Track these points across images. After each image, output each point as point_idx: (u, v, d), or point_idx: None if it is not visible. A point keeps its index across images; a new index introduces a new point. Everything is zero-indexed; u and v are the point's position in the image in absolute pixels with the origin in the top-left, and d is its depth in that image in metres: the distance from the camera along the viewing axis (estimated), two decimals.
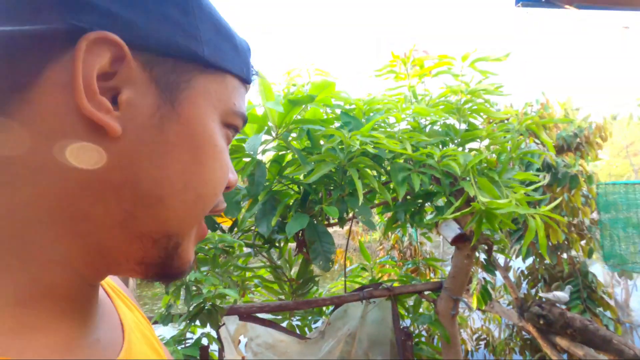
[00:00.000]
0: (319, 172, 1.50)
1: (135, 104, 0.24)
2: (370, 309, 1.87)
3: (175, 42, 0.24)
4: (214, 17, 0.27)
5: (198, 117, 0.26)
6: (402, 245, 3.99)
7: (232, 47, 0.28)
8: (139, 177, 0.24)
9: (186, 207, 0.26)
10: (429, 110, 1.70)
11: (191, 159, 0.26)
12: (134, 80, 0.23)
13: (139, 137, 0.24)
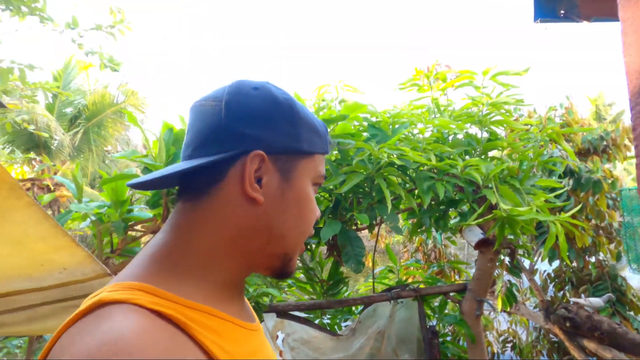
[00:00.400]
0: (350, 182, 1.65)
1: (269, 184, 0.44)
2: (398, 309, 2.00)
3: (287, 145, 0.45)
4: (308, 120, 0.47)
5: (301, 186, 0.46)
6: (426, 247, 4.07)
7: (317, 136, 0.48)
8: (272, 224, 0.45)
9: (296, 238, 0.47)
10: (452, 123, 1.82)
11: (298, 211, 0.46)
12: (268, 171, 0.44)
13: (271, 202, 0.44)
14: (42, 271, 1.17)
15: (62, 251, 1.10)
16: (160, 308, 0.34)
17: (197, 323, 0.36)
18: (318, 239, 1.94)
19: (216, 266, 0.43)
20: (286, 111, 0.45)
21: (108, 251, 1.97)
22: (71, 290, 1.32)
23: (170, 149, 1.77)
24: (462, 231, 1.87)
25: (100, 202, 1.95)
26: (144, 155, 1.81)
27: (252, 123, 0.43)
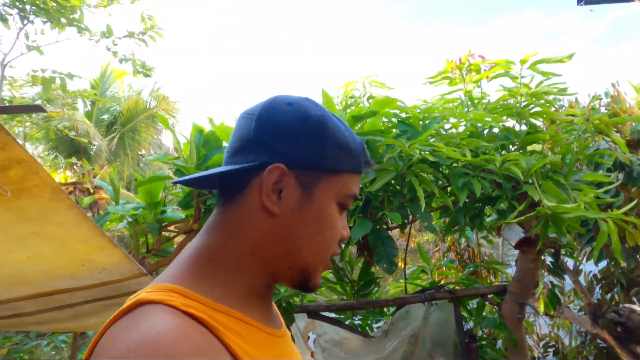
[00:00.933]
0: (381, 180, 1.60)
1: (288, 197, 0.44)
2: (433, 311, 1.93)
3: (312, 160, 0.45)
4: (338, 138, 0.46)
5: (322, 204, 0.46)
6: (458, 247, 3.93)
7: (348, 154, 0.46)
8: (289, 238, 0.45)
9: (315, 255, 0.46)
10: (488, 116, 1.72)
11: (317, 228, 0.46)
12: (289, 184, 0.44)
13: (289, 215, 0.44)
14: (83, 271, 1.21)
15: (101, 252, 1.13)
16: (191, 310, 0.37)
17: (224, 326, 0.38)
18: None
19: (240, 273, 0.45)
20: (314, 127, 0.45)
21: (144, 251, 2.03)
22: (111, 290, 1.36)
23: (201, 150, 1.80)
24: (501, 230, 1.77)
25: (135, 204, 2.01)
26: (175, 157, 1.85)
27: (278, 137, 0.44)
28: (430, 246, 7.77)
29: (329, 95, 1.67)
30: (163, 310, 0.35)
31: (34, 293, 1.29)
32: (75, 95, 2.50)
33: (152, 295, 0.37)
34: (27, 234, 0.98)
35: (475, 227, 2.01)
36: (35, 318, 1.51)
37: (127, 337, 0.33)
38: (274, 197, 0.44)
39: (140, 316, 0.35)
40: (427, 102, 2.13)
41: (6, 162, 0.78)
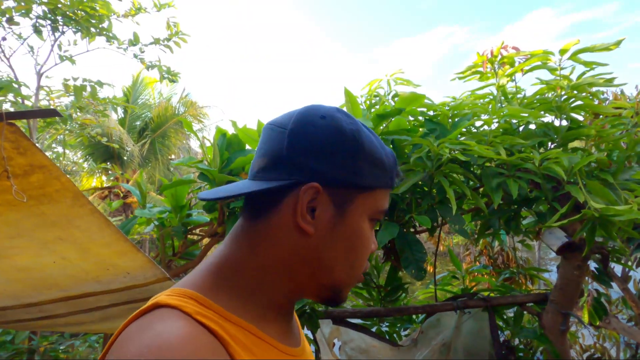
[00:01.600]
0: (408, 182, 1.52)
1: (322, 216, 0.43)
2: (465, 320, 1.82)
3: (346, 179, 0.43)
4: (372, 153, 0.44)
5: (355, 222, 0.44)
6: (491, 250, 3.73)
7: (381, 170, 0.45)
8: (321, 256, 0.44)
9: (346, 272, 0.45)
10: (524, 111, 1.60)
11: (349, 246, 0.45)
12: (323, 203, 0.43)
13: (322, 234, 0.43)
14: (108, 275, 1.22)
15: (124, 256, 1.13)
16: (203, 319, 0.37)
17: (234, 339, 0.38)
18: None
19: (264, 287, 0.44)
20: (349, 143, 0.43)
21: (170, 254, 2.05)
22: (135, 293, 1.37)
23: (224, 153, 1.79)
24: (541, 234, 1.64)
25: (162, 208, 2.03)
26: (199, 160, 1.85)
27: (312, 154, 0.43)
28: (461, 250, 7.48)
29: (352, 95, 1.61)
30: (176, 316, 0.36)
31: (63, 296, 1.31)
32: (104, 103, 2.59)
33: (169, 299, 0.38)
34: (52, 239, 0.99)
35: (510, 230, 1.88)
36: (66, 320, 1.55)
37: (140, 338, 0.34)
38: (308, 216, 0.43)
39: (154, 319, 0.36)
40: (457, 98, 2.02)
41: (27, 168, 0.78)
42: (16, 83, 1.81)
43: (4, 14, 1.87)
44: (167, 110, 9.89)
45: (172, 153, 10.66)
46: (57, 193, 0.86)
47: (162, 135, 9.91)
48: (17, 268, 1.10)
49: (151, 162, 9.83)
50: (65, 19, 1.96)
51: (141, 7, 2.47)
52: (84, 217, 0.95)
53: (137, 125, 10.09)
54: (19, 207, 0.86)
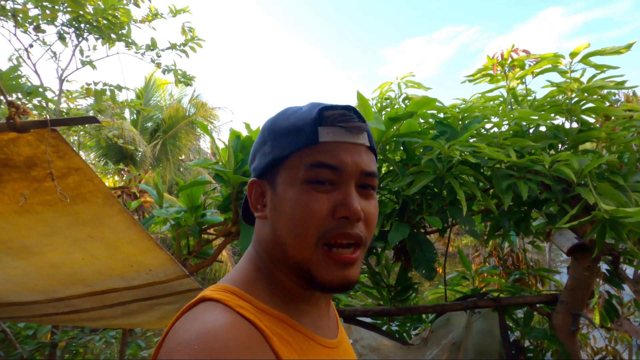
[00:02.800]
0: (419, 183, 1.56)
1: (267, 201, 0.49)
2: (475, 319, 1.84)
3: (264, 163, 0.49)
4: (282, 128, 0.48)
5: (285, 190, 0.46)
6: (501, 252, 3.73)
7: (292, 134, 0.47)
8: (276, 234, 0.47)
9: (294, 245, 0.45)
10: (534, 114, 1.62)
11: (289, 214, 0.45)
12: (265, 190, 0.50)
13: (271, 215, 0.48)
14: (132, 272, 1.28)
15: (147, 254, 1.19)
16: (244, 312, 0.40)
17: (272, 331, 0.40)
18: (384, 242, 1.87)
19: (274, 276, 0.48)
20: (262, 135, 0.51)
21: (185, 253, 2.12)
22: (156, 290, 1.43)
23: (238, 155, 1.84)
24: (551, 235, 1.66)
25: (178, 208, 2.09)
26: (214, 162, 1.91)
27: (250, 159, 0.53)
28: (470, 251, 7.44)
29: (364, 98, 1.65)
30: (220, 309, 0.40)
31: (89, 291, 1.38)
32: (123, 106, 2.67)
33: (213, 294, 0.42)
34: (83, 237, 1.05)
35: (520, 231, 1.90)
36: (89, 314, 1.62)
37: (189, 327, 0.38)
38: (260, 205, 0.50)
39: (202, 311, 0.40)
40: (467, 101, 2.04)
41: (65, 170, 0.84)
42: (42, 88, 1.90)
43: (31, 22, 1.96)
44: (178, 111, 10.04)
45: (182, 154, 10.81)
46: (90, 194, 0.92)
47: (173, 136, 10.06)
48: (50, 264, 1.17)
49: (162, 162, 9.99)
50: (89, 26, 2.04)
51: (158, 12, 2.55)
52: (112, 217, 1.01)
53: (148, 126, 10.26)
54: (55, 206, 0.92)
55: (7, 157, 0.80)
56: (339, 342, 0.50)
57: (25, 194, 0.81)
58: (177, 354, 0.35)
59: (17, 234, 1.01)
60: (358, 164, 0.45)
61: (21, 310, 1.52)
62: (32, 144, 0.77)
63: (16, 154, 0.78)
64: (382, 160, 1.86)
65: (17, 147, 0.77)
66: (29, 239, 1.03)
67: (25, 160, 0.80)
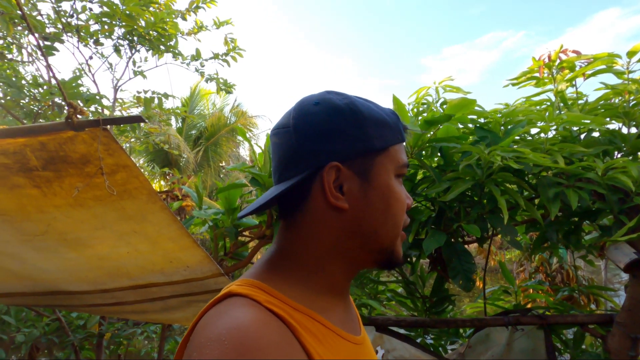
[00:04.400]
0: (456, 190, 1.50)
1: (350, 189, 0.46)
2: (518, 337, 1.72)
3: (358, 148, 0.45)
4: (373, 116, 0.47)
5: (382, 181, 0.47)
6: (549, 267, 3.48)
7: (387, 128, 0.47)
8: (362, 224, 0.46)
9: (389, 231, 0.47)
10: (586, 118, 1.51)
11: (384, 206, 0.47)
12: (347, 177, 0.46)
13: (357, 205, 0.46)
14: (171, 267, 1.34)
15: (186, 251, 1.24)
16: (272, 307, 0.40)
17: (301, 325, 0.40)
18: (419, 250, 1.81)
19: (320, 273, 0.47)
20: (349, 116, 0.46)
21: (222, 254, 2.19)
22: (193, 287, 1.49)
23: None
24: (606, 249, 1.52)
25: (216, 210, 2.18)
26: (251, 166, 1.97)
27: (321, 138, 0.45)
28: (514, 266, 7.01)
29: (401, 102, 1.63)
30: (248, 304, 0.39)
31: (132, 285, 1.46)
32: (169, 113, 2.85)
33: (240, 289, 0.42)
34: (128, 232, 1.12)
35: (570, 245, 1.76)
36: (132, 307, 1.72)
37: (219, 322, 0.37)
38: (338, 194, 0.45)
39: (229, 305, 0.40)
40: (510, 105, 1.95)
41: (114, 167, 0.91)
42: (99, 96, 2.08)
43: (92, 36, 2.17)
44: (220, 119, 10.50)
45: (223, 160, 11.26)
46: (135, 190, 0.98)
47: (214, 143, 10.52)
48: (98, 257, 1.26)
49: (204, 168, 10.46)
50: (140, 39, 2.21)
51: (203, 25, 2.71)
52: (155, 213, 1.07)
53: (192, 134, 10.83)
54: (104, 201, 1.00)
55: (66, 154, 0.88)
56: (363, 339, 0.50)
57: (79, 186, 0.88)
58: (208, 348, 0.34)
59: (72, 227, 1.10)
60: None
61: (74, 299, 1.64)
62: (87, 142, 0.84)
63: (73, 151, 0.85)
64: (418, 166, 1.81)
65: (74, 144, 0.85)
66: (82, 232, 1.12)
67: (80, 157, 0.87)
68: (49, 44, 2.20)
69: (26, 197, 0.97)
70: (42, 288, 1.53)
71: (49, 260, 1.28)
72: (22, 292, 1.60)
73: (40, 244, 1.18)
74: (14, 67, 2.52)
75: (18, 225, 1.10)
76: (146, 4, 2.41)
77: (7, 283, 1.54)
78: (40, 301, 1.74)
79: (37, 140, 0.84)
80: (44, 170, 0.89)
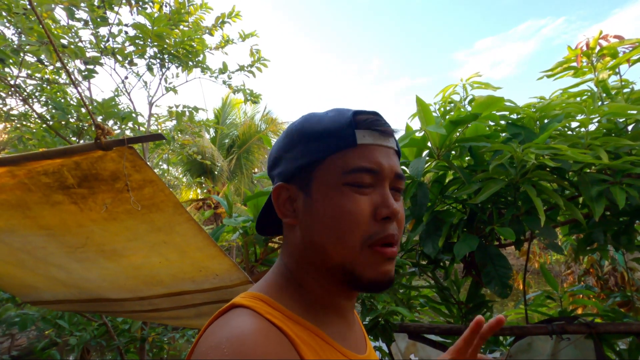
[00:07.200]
0: (488, 191, 1.43)
1: (298, 206, 0.48)
2: (563, 347, 1.60)
3: (295, 166, 0.48)
4: (307, 131, 0.48)
5: (323, 193, 0.46)
6: (600, 270, 3.21)
7: (325, 139, 0.46)
8: (312, 239, 0.46)
9: (335, 248, 0.45)
10: (633, 108, 1.39)
11: (328, 219, 0.45)
12: (293, 195, 0.49)
13: (304, 220, 0.47)
14: (201, 276, 1.39)
15: (213, 260, 1.28)
16: (273, 319, 0.41)
17: (301, 339, 0.41)
18: (451, 255, 1.74)
19: (304, 286, 0.48)
20: (289, 139, 0.49)
21: (253, 260, 2.23)
22: (222, 294, 1.52)
23: None
24: None
25: (245, 217, 2.22)
26: None
27: (272, 165, 0.52)
28: (562, 268, 6.54)
29: (424, 103, 1.58)
30: (250, 315, 0.41)
31: (166, 292, 1.53)
32: (199, 125, 2.97)
33: (243, 301, 0.43)
34: (158, 242, 1.17)
35: (621, 246, 1.61)
36: (168, 314, 1.79)
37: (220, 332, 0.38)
38: (288, 211, 0.49)
39: (232, 316, 0.41)
40: (545, 99, 1.83)
41: (142, 182, 0.95)
42: (134, 113, 2.21)
43: (126, 57, 2.31)
44: (251, 127, 10.79)
45: (255, 167, 11.53)
46: (162, 203, 1.02)
47: (246, 151, 10.81)
48: (133, 266, 1.33)
49: (237, 175, 10.77)
50: (170, 56, 2.33)
51: (229, 39, 2.80)
52: (182, 224, 1.11)
53: (225, 142, 11.19)
54: (135, 215, 1.05)
55: (97, 172, 0.93)
56: (368, 356, 0.49)
57: (107, 203, 0.93)
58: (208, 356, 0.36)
59: (108, 239, 1.17)
60: (392, 166, 0.47)
61: (116, 305, 1.74)
62: (115, 160, 0.89)
63: (103, 169, 0.91)
64: (447, 167, 1.75)
65: (104, 163, 0.90)
66: (117, 243, 1.19)
67: (110, 175, 0.93)
68: (90, 67, 2.37)
69: (66, 213, 1.04)
70: (87, 295, 1.64)
71: (90, 270, 1.36)
72: (70, 299, 1.72)
73: (82, 255, 1.26)
74: (64, 90, 2.74)
75: (61, 238, 1.18)
76: (176, 23, 2.53)
77: (58, 291, 1.67)
78: (86, 307, 1.86)
79: (71, 160, 0.90)
80: (79, 187, 0.95)
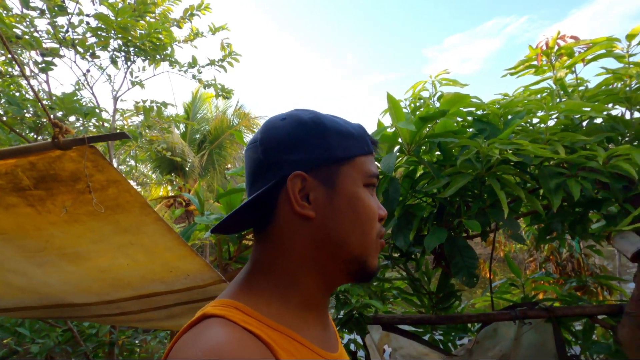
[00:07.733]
0: (455, 185, 1.48)
1: (316, 197, 0.45)
2: (526, 331, 1.70)
3: (322, 157, 0.46)
4: (337, 128, 0.47)
5: (349, 190, 0.46)
6: (559, 257, 3.42)
7: (352, 139, 0.48)
8: (330, 233, 0.45)
9: (358, 239, 0.46)
10: (586, 105, 1.48)
11: (351, 213, 0.46)
12: (312, 186, 0.45)
13: (323, 214, 0.45)
14: (171, 276, 1.35)
15: (184, 259, 1.25)
16: (248, 326, 0.39)
17: (279, 345, 0.39)
18: (422, 247, 1.79)
19: (295, 286, 0.46)
20: (312, 128, 0.47)
21: (227, 258, 2.20)
22: (194, 294, 1.49)
23: None
24: (612, 239, 1.49)
25: (218, 215, 2.18)
26: None
27: (285, 149, 0.46)
28: (525, 256, 6.92)
29: (395, 99, 1.61)
30: (224, 324, 0.38)
31: (135, 295, 1.48)
32: (168, 121, 2.87)
33: (215, 310, 0.41)
34: (125, 244, 1.13)
35: (576, 234, 1.73)
36: (138, 316, 1.73)
37: (194, 345, 0.36)
38: (304, 202, 0.45)
39: (205, 327, 0.39)
40: (509, 95, 1.91)
41: (105, 183, 0.91)
42: (98, 109, 2.10)
43: (87, 49, 2.19)
44: (223, 122, 10.55)
45: (228, 163, 11.32)
46: (127, 204, 0.99)
47: (218, 146, 10.57)
48: (99, 269, 1.27)
49: (209, 171, 10.53)
50: (136, 49, 2.23)
51: (199, 32, 2.71)
52: (149, 225, 1.07)
53: (196, 138, 10.89)
54: (99, 216, 1.00)
55: (56, 173, 0.88)
56: (340, 356, 0.49)
57: (67, 205, 0.89)
58: None
59: (70, 242, 1.11)
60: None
61: (81, 310, 1.67)
62: (75, 160, 0.85)
63: (62, 169, 0.86)
64: (417, 162, 1.79)
65: (63, 163, 0.85)
66: (80, 246, 1.13)
67: (70, 175, 0.88)
68: (48, 59, 2.22)
69: (22, 216, 0.98)
70: (48, 301, 1.56)
71: (51, 275, 1.29)
72: (30, 305, 1.63)
73: (42, 259, 1.19)
74: (17, 83, 2.56)
75: (18, 242, 1.11)
76: (141, 14, 2.42)
77: (16, 297, 1.57)
78: (49, 314, 1.77)
79: (26, 160, 0.85)
80: (35, 189, 0.90)
